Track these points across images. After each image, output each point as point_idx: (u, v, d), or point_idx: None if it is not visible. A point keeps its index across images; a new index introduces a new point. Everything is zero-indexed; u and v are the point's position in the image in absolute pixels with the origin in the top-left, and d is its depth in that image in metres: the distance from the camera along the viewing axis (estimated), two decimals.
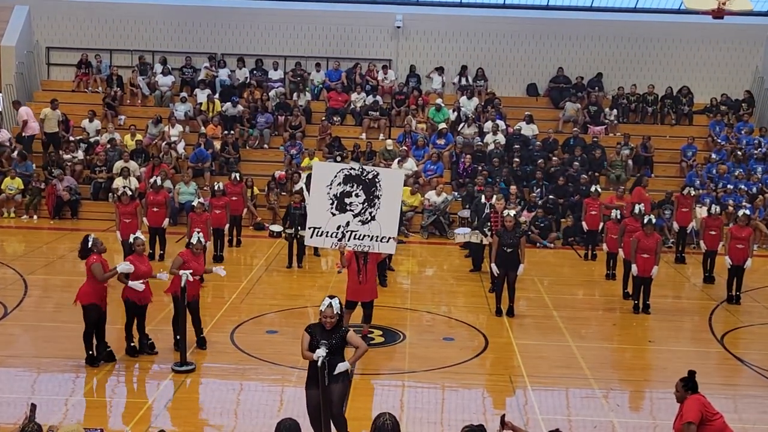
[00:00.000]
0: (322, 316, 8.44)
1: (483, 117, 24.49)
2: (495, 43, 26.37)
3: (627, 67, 26.27)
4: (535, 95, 26.41)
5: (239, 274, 16.91)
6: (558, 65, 26.15)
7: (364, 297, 12.40)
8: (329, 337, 8.35)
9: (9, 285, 15.36)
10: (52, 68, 26.64)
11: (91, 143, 23.51)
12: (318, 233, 12.57)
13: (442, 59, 26.29)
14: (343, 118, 25.07)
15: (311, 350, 8.31)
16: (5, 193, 21.80)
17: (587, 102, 25.50)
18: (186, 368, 11.09)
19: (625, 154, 23.33)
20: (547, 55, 26.32)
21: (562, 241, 20.79)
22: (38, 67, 26.38)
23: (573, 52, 26.30)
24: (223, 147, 23.30)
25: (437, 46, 26.41)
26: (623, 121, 25.30)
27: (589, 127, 24.81)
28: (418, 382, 11.20)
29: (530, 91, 26.49)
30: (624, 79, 26.08)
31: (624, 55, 26.30)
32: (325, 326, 8.42)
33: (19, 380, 10.87)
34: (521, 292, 15.01)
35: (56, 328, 12.85)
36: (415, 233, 21.17)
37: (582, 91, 25.81)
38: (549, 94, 26.19)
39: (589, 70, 26.21)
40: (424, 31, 26.38)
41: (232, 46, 26.32)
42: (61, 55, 26.46)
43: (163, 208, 17.25)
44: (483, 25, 26.23)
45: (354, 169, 12.71)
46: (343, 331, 8.51)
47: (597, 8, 26.64)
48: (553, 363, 12.02)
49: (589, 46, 26.35)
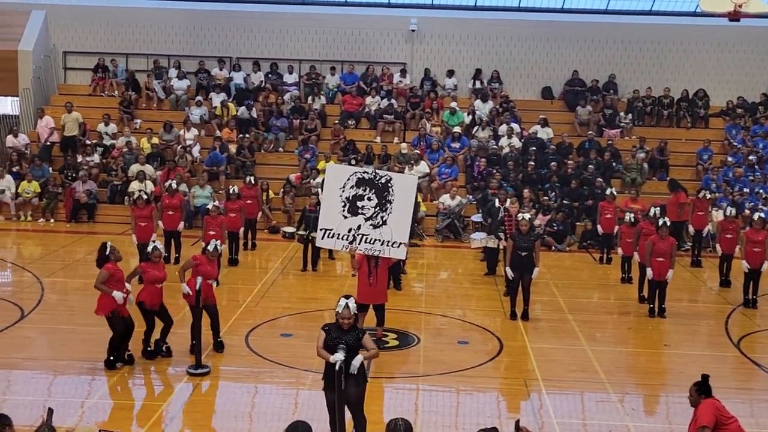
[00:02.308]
0: (338, 317, 8.46)
1: (498, 120, 24.45)
2: (510, 46, 26.33)
3: (642, 70, 26.16)
4: (550, 98, 26.35)
5: (254, 277, 16.95)
6: (573, 68, 26.09)
7: (375, 300, 12.42)
8: (345, 337, 8.37)
9: (26, 288, 15.45)
10: (68, 72, 26.80)
11: (108, 147, 23.64)
12: (329, 235, 12.58)
13: (457, 62, 26.28)
14: (358, 121, 25.09)
15: (327, 349, 8.33)
16: (22, 197, 21.95)
17: (602, 105, 25.41)
18: (201, 371, 11.11)
19: (640, 157, 23.24)
20: (562, 58, 26.25)
21: (577, 245, 20.71)
22: (55, 72, 26.55)
23: (588, 55, 26.22)
24: (238, 150, 23.37)
25: (452, 50, 26.39)
26: (639, 124, 25.20)
27: (605, 131, 24.72)
28: (432, 386, 11.18)
29: (545, 95, 26.42)
30: (639, 82, 25.98)
31: (639, 58, 26.20)
32: (342, 326, 8.44)
33: (36, 383, 10.93)
34: (536, 296, 14.96)
35: (72, 331, 12.92)
36: (429, 236, 21.15)
37: (597, 94, 25.73)
38: (564, 98, 26.12)
39: (604, 72, 26.13)
40: (438, 35, 26.37)
41: (247, 49, 26.38)
42: (77, 59, 26.62)
43: (178, 211, 17.31)
44: (498, 28, 26.20)
45: (367, 172, 12.71)
46: (360, 332, 8.53)
47: (612, 11, 26.54)
48: (568, 366, 11.98)
49: (605, 48, 26.27)
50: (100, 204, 22.09)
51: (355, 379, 8.39)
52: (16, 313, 13.70)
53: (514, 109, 24.82)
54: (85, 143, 23.53)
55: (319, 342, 8.46)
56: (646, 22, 26.23)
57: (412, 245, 18.46)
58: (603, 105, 25.38)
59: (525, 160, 22.68)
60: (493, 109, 24.86)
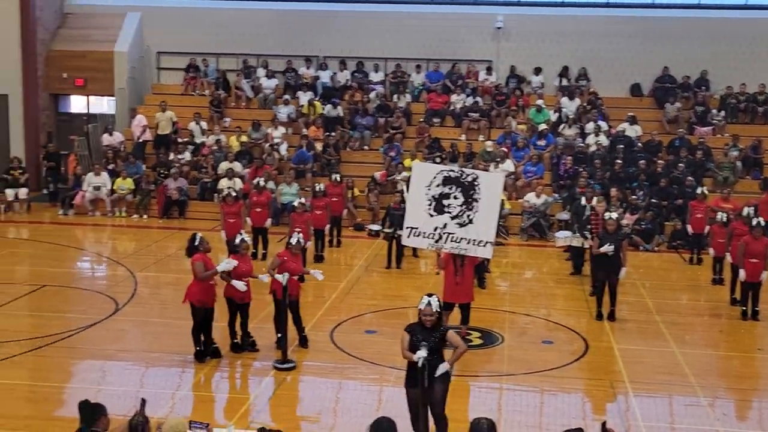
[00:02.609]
0: (421, 315, 8.48)
1: (584, 118, 24.10)
2: (598, 43, 25.89)
3: (736, 66, 25.33)
4: (639, 95, 25.81)
5: (339, 274, 17.11)
6: (663, 64, 25.48)
7: (461, 298, 12.35)
8: (429, 336, 8.37)
9: (120, 282, 15.94)
10: (161, 72, 27.51)
11: (198, 145, 24.18)
12: (415, 233, 12.59)
13: (543, 60, 25.96)
14: (443, 119, 25.06)
15: (411, 350, 8.35)
16: (117, 193, 22.64)
17: (694, 102, 24.78)
18: (287, 366, 11.29)
19: (733, 155, 22.58)
20: (652, 54, 25.67)
21: (666, 245, 20.26)
22: (149, 72, 27.28)
23: (679, 51, 25.56)
24: (324, 148, 23.61)
25: (538, 47, 26.09)
26: (732, 122, 24.48)
27: (696, 128, 24.11)
28: (516, 385, 11.12)
29: (634, 91, 25.91)
30: (733, 78, 25.17)
31: (733, 54, 25.39)
32: (425, 324, 8.45)
33: (129, 374, 11.27)
34: (623, 296, 14.71)
35: (164, 324, 13.27)
36: (514, 235, 21.00)
37: (688, 90, 25.09)
38: (653, 94, 25.56)
39: (695, 69, 25.43)
40: (525, 32, 26.11)
41: (334, 48, 26.60)
42: (170, 59, 27.29)
43: (265, 208, 17.58)
44: (585, 24, 25.81)
45: (453, 171, 12.69)
46: (443, 330, 8.53)
47: (705, 6, 25.85)
48: (656, 369, 11.75)
49: (696, 44, 25.57)
50: (191, 201, 22.60)
51: (440, 378, 8.40)
52: (111, 306, 14.16)
53: (602, 107, 24.40)
54: (177, 141, 24.09)
55: (403, 344, 8.48)
56: (740, 17, 25.44)
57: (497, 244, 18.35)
58: (694, 102, 24.75)
59: (612, 159, 22.29)
60: (579, 107, 24.51)
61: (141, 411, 6.86)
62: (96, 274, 17.65)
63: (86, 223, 21.89)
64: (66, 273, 16.89)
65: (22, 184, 22.98)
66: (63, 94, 27.14)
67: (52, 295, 14.91)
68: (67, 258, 18.26)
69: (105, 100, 26.08)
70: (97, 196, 22.55)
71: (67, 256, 18.42)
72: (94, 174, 22.66)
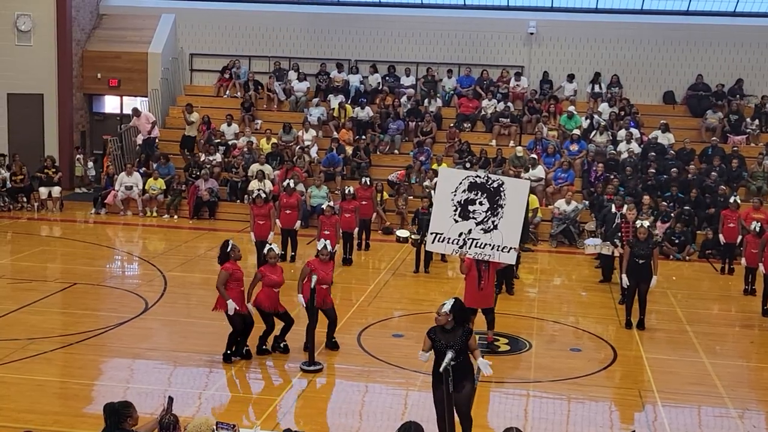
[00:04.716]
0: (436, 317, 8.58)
1: (616, 125, 23.93)
2: (631, 50, 25.72)
3: None
4: (672, 103, 25.59)
5: (367, 277, 17.13)
6: (697, 72, 25.25)
7: (484, 304, 12.36)
8: (451, 339, 8.42)
9: (149, 281, 16.06)
10: (194, 74, 27.71)
11: (229, 146, 24.32)
12: (440, 239, 12.57)
13: (576, 66, 25.85)
14: (474, 124, 25.01)
15: (437, 353, 8.40)
16: (149, 193, 22.83)
17: (728, 110, 24.51)
18: (314, 368, 11.31)
19: (767, 164, 22.31)
20: (686, 62, 25.46)
21: (698, 254, 20.06)
22: (182, 73, 27.50)
23: (714, 59, 25.33)
24: (354, 152, 23.64)
25: (570, 53, 25.98)
26: (766, 131, 24.19)
27: (729, 137, 23.86)
28: (543, 392, 11.06)
29: (667, 99, 25.69)
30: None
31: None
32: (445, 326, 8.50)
33: (157, 372, 11.36)
34: (653, 305, 14.59)
35: (192, 324, 13.36)
36: (543, 241, 20.89)
37: (722, 99, 24.83)
38: (687, 102, 25.33)
39: (730, 77, 25.18)
40: (557, 38, 26.00)
41: (365, 52, 26.65)
42: (203, 61, 27.50)
43: (295, 210, 17.64)
44: (619, 30, 25.64)
45: (479, 176, 12.66)
46: (466, 332, 8.55)
47: (740, 13, 25.58)
48: (685, 379, 11.64)
49: (731, 52, 25.32)
50: (221, 202, 22.73)
51: (465, 382, 8.41)
52: (141, 305, 14.28)
53: (636, 114, 24.22)
54: (210, 143, 24.22)
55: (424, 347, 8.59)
56: None
57: (525, 250, 18.29)
58: (728, 110, 24.49)
59: (644, 166, 22.11)
60: (612, 114, 24.35)
61: (169, 409, 6.89)
62: (126, 273, 17.80)
63: (118, 222, 22.10)
64: (97, 271, 17.04)
65: (55, 183, 23.25)
66: (97, 94, 27.42)
67: (83, 293, 15.05)
68: (98, 257, 18.43)
69: (138, 101, 26.30)
70: (129, 195, 22.75)
71: (99, 255, 18.58)
72: (126, 174, 22.88)
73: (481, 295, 12.25)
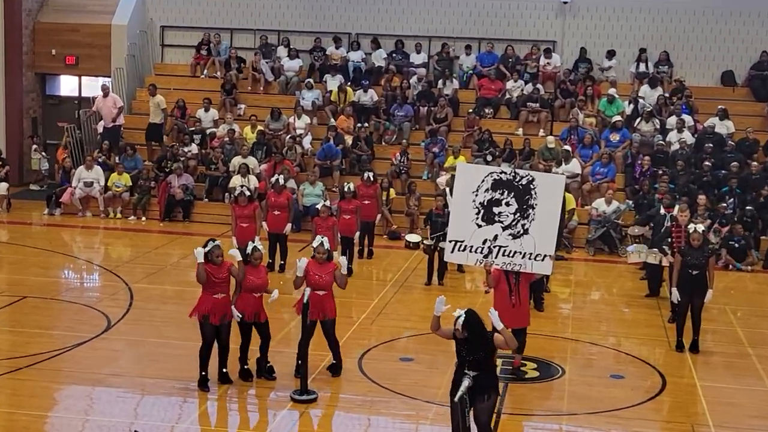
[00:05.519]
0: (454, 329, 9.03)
1: (665, 111, 23.95)
2: (683, 22, 25.74)
3: None
4: (731, 85, 25.62)
5: (370, 290, 17.15)
6: (761, 48, 25.28)
7: (517, 323, 12.07)
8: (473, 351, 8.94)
9: (113, 294, 16.09)
10: (166, 50, 27.76)
11: (206, 135, 24.33)
12: (461, 248, 12.55)
13: (617, 41, 25.87)
14: (496, 109, 25.03)
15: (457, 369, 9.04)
16: (112, 191, 22.80)
17: None
18: (307, 397, 11.31)
19: None
20: (748, 37, 25.48)
21: (762, 264, 20.08)
22: (151, 49, 27.54)
23: None
24: (355, 142, 23.68)
25: (611, 26, 26.01)
26: None
27: None
28: (578, 426, 11.09)
29: (725, 80, 25.72)
30: None
31: None
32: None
33: (121, 402, 11.35)
34: (708, 324, 14.59)
35: (163, 345, 13.37)
36: (579, 248, 20.90)
37: None
38: (749, 84, 25.36)
39: None
40: (596, 7, 26.01)
41: (368, 24, 26.68)
42: (176, 35, 27.54)
43: (285, 211, 17.65)
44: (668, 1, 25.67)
45: (505, 173, 12.65)
46: (490, 341, 9.02)
47: None
48: (747, 411, 11.68)
49: None
50: (197, 201, 22.74)
51: (485, 395, 8.93)
52: (102, 323, 14.29)
53: (689, 98, 24.22)
54: (184, 131, 24.23)
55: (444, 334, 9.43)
56: None
57: (558, 258, 18.29)
58: None
59: (698, 159, 22.13)
60: (660, 97, 24.37)
61: None
62: (85, 285, 17.85)
63: (75, 224, 22.14)
64: (51, 283, 17.08)
65: (1, 179, 23.23)
66: (51, 73, 27.53)
67: (34, 309, 15.07)
68: (52, 265, 18.47)
69: (100, 81, 26.35)
70: (89, 193, 22.78)
71: (53, 264, 18.63)
72: (85, 168, 22.89)
73: (515, 312, 12.06)
